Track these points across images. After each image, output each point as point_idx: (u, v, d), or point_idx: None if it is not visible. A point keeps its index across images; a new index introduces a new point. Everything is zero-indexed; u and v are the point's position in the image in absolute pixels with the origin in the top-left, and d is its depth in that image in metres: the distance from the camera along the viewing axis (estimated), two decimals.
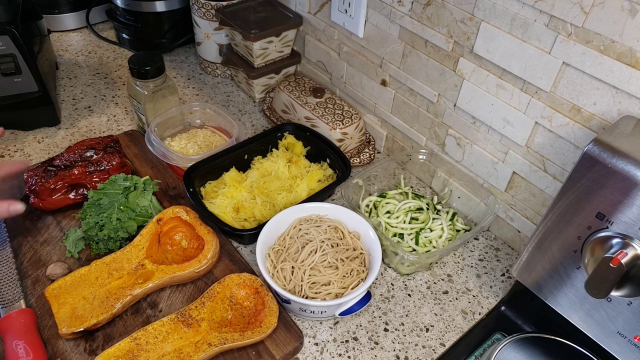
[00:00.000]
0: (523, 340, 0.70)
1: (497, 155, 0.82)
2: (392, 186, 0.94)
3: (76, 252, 0.78)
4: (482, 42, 0.74)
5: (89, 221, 0.78)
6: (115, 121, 1.07)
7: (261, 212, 0.85)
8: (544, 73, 0.69)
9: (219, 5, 1.08)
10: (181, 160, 0.89)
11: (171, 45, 1.27)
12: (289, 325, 0.72)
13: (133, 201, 0.81)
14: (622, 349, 0.62)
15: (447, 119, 0.87)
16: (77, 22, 1.33)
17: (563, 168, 0.74)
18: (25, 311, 0.69)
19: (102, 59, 1.25)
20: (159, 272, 0.74)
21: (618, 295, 0.59)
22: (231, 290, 0.73)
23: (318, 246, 0.76)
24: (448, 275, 0.83)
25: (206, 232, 0.79)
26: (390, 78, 0.94)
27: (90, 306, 0.70)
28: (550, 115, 0.71)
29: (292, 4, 1.08)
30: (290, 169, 0.92)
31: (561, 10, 0.63)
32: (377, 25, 0.90)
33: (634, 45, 0.59)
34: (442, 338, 0.75)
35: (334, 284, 0.72)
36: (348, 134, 0.97)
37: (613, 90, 0.63)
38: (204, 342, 0.66)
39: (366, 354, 0.72)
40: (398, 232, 0.83)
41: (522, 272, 0.69)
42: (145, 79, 0.92)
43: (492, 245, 0.89)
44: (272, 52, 1.08)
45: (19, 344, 0.64)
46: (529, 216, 0.82)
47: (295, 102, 1.01)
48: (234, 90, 1.19)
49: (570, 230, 0.60)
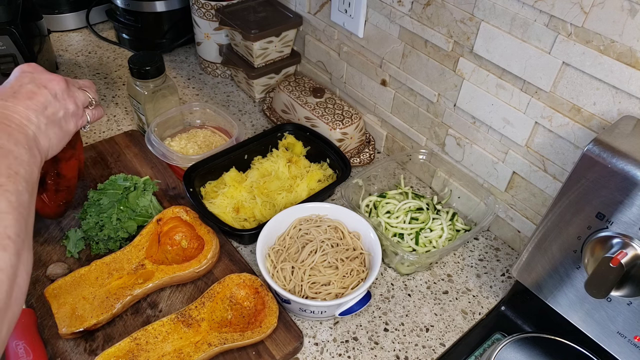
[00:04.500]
0: (523, 340, 0.70)
1: (497, 155, 0.82)
2: (392, 186, 0.94)
3: (76, 252, 0.78)
4: (482, 42, 0.74)
5: (89, 221, 0.78)
6: (115, 121, 1.07)
7: (261, 212, 0.85)
8: (543, 73, 0.69)
9: (219, 5, 1.08)
10: (181, 160, 0.89)
11: (171, 45, 1.27)
12: (289, 325, 0.72)
13: (133, 201, 0.81)
14: (622, 349, 0.62)
15: (447, 119, 0.87)
16: (77, 22, 1.33)
17: (563, 168, 0.74)
18: (25, 311, 0.69)
19: (102, 59, 1.25)
20: (159, 272, 0.74)
21: (618, 295, 0.59)
22: (231, 290, 0.73)
23: (318, 246, 0.76)
24: (448, 275, 0.83)
25: (206, 232, 0.79)
26: (390, 78, 0.94)
27: (90, 306, 0.70)
28: (550, 115, 0.71)
29: (292, 4, 1.08)
30: (290, 169, 0.92)
31: (561, 10, 0.63)
32: (377, 25, 0.90)
33: (634, 45, 0.59)
34: (442, 338, 0.75)
35: (334, 284, 0.72)
36: (348, 134, 0.97)
37: (613, 90, 0.63)
38: (204, 342, 0.66)
39: (366, 354, 0.72)
40: (398, 232, 0.83)
41: (522, 272, 0.69)
42: (145, 79, 0.92)
43: (492, 245, 0.89)
44: (272, 52, 1.08)
45: (19, 344, 0.64)
46: (529, 216, 0.82)
47: (295, 102, 1.01)
48: (234, 90, 1.19)
49: (570, 230, 0.60)
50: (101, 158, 0.95)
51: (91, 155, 0.95)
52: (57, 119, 0.59)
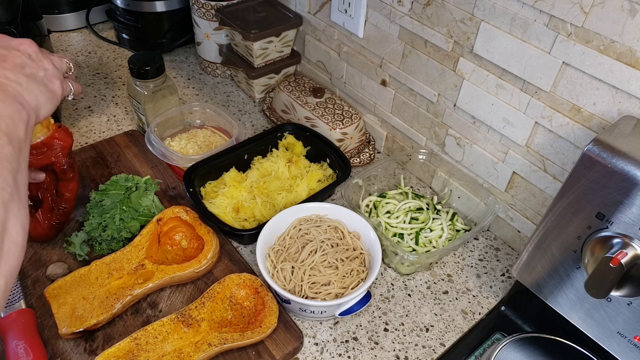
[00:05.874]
0: (523, 340, 0.70)
1: (497, 155, 0.82)
2: (392, 186, 0.94)
3: (85, 254, 0.78)
4: (482, 42, 0.74)
5: (92, 222, 0.78)
6: (115, 121, 1.07)
7: (261, 212, 0.85)
8: (543, 73, 0.69)
9: (219, 5, 1.08)
10: (181, 160, 0.89)
11: (171, 45, 1.27)
12: (289, 325, 0.72)
13: (135, 201, 0.81)
14: (622, 349, 0.62)
15: (447, 119, 0.87)
16: (77, 22, 1.33)
17: (563, 168, 0.74)
18: (26, 311, 0.69)
19: (102, 59, 1.25)
20: (159, 272, 0.74)
21: (618, 295, 0.59)
22: (231, 290, 0.73)
23: (318, 246, 0.76)
24: (448, 275, 0.83)
25: (206, 232, 0.79)
26: (390, 78, 0.94)
27: (90, 306, 0.70)
28: (550, 115, 0.71)
29: (292, 4, 1.08)
30: (290, 169, 0.92)
31: (561, 10, 0.63)
32: (377, 25, 0.90)
33: (634, 45, 0.59)
34: (442, 338, 0.75)
35: (334, 284, 0.72)
36: (348, 134, 0.97)
37: (613, 90, 0.63)
38: (204, 342, 0.66)
39: (366, 354, 0.72)
40: (398, 232, 0.83)
41: (522, 272, 0.69)
42: (145, 79, 0.92)
43: (492, 245, 0.89)
44: (272, 52, 1.08)
45: (19, 344, 0.65)
46: (529, 216, 0.82)
47: (295, 102, 1.01)
48: (234, 90, 1.19)
49: (570, 230, 0.60)
50: (101, 158, 0.95)
51: (91, 155, 0.95)
52: (38, 78, 0.55)
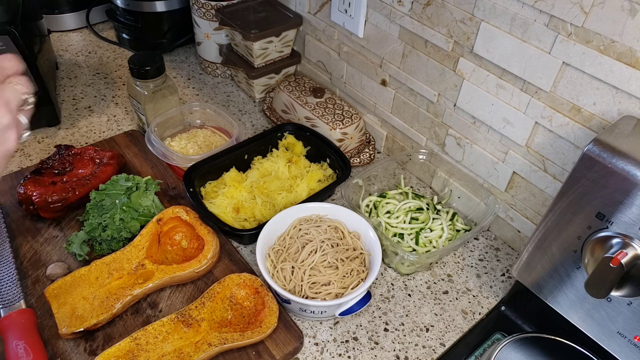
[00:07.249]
0: (523, 340, 0.70)
1: (497, 155, 0.82)
2: (392, 186, 0.94)
3: (85, 254, 0.78)
4: (482, 42, 0.74)
5: (92, 222, 0.78)
6: (115, 121, 1.07)
7: (261, 212, 0.85)
8: (544, 73, 0.69)
9: (219, 5, 1.08)
10: (181, 160, 0.89)
11: (171, 45, 1.27)
12: (289, 325, 0.72)
13: (136, 201, 0.81)
14: (622, 349, 0.62)
15: (447, 119, 0.87)
16: (77, 22, 1.33)
17: (563, 168, 0.74)
18: (26, 311, 0.69)
19: (102, 59, 1.25)
20: (159, 272, 0.74)
21: (618, 295, 0.59)
22: (231, 290, 0.73)
23: (318, 246, 0.76)
24: (448, 275, 0.83)
25: (206, 232, 0.79)
26: (390, 78, 0.94)
27: (90, 306, 0.70)
28: (550, 115, 0.71)
29: (292, 4, 1.08)
30: (290, 169, 0.92)
31: (561, 10, 0.63)
32: (377, 25, 0.90)
33: (634, 45, 0.59)
34: (442, 338, 0.75)
35: (334, 284, 0.72)
36: (348, 134, 0.97)
37: (613, 90, 0.63)
38: (204, 342, 0.66)
39: (366, 354, 0.72)
40: (398, 232, 0.83)
41: (522, 272, 0.69)
42: (145, 79, 0.92)
43: (492, 245, 0.89)
44: (272, 52, 1.08)
45: (19, 344, 0.64)
46: (529, 216, 0.82)
47: (295, 102, 1.01)
48: (234, 90, 1.19)
49: (570, 230, 0.60)
50: None
51: None
52: None
